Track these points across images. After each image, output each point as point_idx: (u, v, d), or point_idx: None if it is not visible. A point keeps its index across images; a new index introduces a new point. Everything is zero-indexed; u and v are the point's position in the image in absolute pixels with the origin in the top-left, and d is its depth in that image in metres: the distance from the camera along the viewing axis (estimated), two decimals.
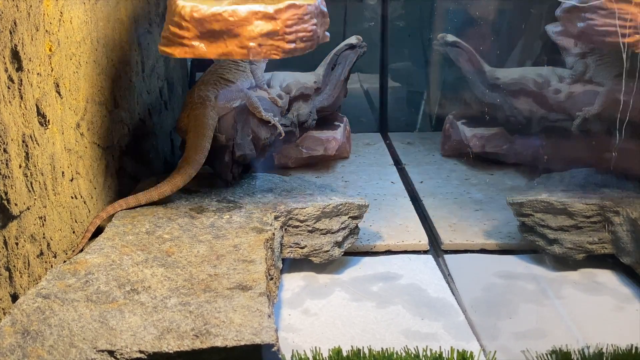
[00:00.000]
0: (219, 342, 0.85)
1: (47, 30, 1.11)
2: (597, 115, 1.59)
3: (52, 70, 1.12)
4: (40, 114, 1.07)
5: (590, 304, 1.21)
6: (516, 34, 2.14)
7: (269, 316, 0.93)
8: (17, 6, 0.99)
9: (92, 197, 1.28)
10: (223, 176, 1.47)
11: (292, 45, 1.22)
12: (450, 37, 1.95)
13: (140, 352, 0.83)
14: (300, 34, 1.24)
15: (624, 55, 1.26)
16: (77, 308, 0.93)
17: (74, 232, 1.19)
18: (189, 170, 1.37)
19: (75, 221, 1.20)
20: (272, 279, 1.14)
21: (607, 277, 1.31)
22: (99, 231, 1.25)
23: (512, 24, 1.36)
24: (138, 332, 0.87)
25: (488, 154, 1.91)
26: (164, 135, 1.83)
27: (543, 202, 1.36)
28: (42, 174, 1.07)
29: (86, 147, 1.26)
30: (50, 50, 1.12)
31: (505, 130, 1.89)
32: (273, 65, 1.71)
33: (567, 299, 1.23)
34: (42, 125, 1.08)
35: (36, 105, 1.06)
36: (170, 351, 0.84)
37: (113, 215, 1.30)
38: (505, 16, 2.16)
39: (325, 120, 1.96)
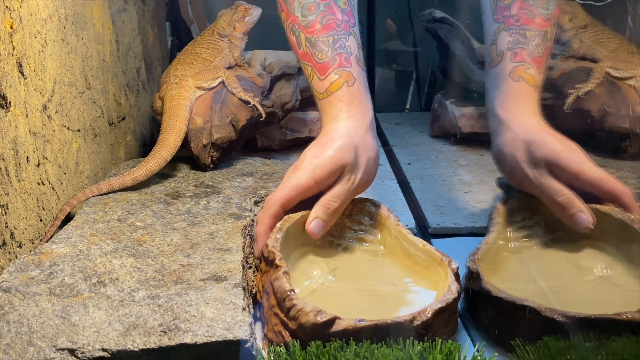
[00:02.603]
0: (188, 339, 0.79)
1: (7, 7, 1.03)
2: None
3: (13, 49, 1.05)
4: (1, 96, 1.01)
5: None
6: None
7: (244, 309, 0.87)
8: None
9: (61, 183, 1.22)
10: (201, 160, 1.41)
11: None
12: (439, 13, 1.89)
13: (103, 350, 0.78)
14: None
15: None
16: (38, 303, 0.87)
17: (41, 220, 1.13)
18: (164, 153, 1.31)
19: (43, 209, 1.14)
20: (250, 267, 1.09)
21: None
22: (69, 219, 1.19)
23: None
24: (102, 328, 0.81)
25: (477, 134, 1.85)
26: (141, 117, 1.76)
27: None
28: (3, 159, 1.00)
29: (54, 131, 1.19)
30: (11, 27, 1.05)
31: None
32: (254, 43, 1.65)
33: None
34: (2, 107, 1.01)
35: None
36: (136, 349, 0.78)
37: (84, 201, 1.24)
38: None
39: (309, 100, 1.89)
